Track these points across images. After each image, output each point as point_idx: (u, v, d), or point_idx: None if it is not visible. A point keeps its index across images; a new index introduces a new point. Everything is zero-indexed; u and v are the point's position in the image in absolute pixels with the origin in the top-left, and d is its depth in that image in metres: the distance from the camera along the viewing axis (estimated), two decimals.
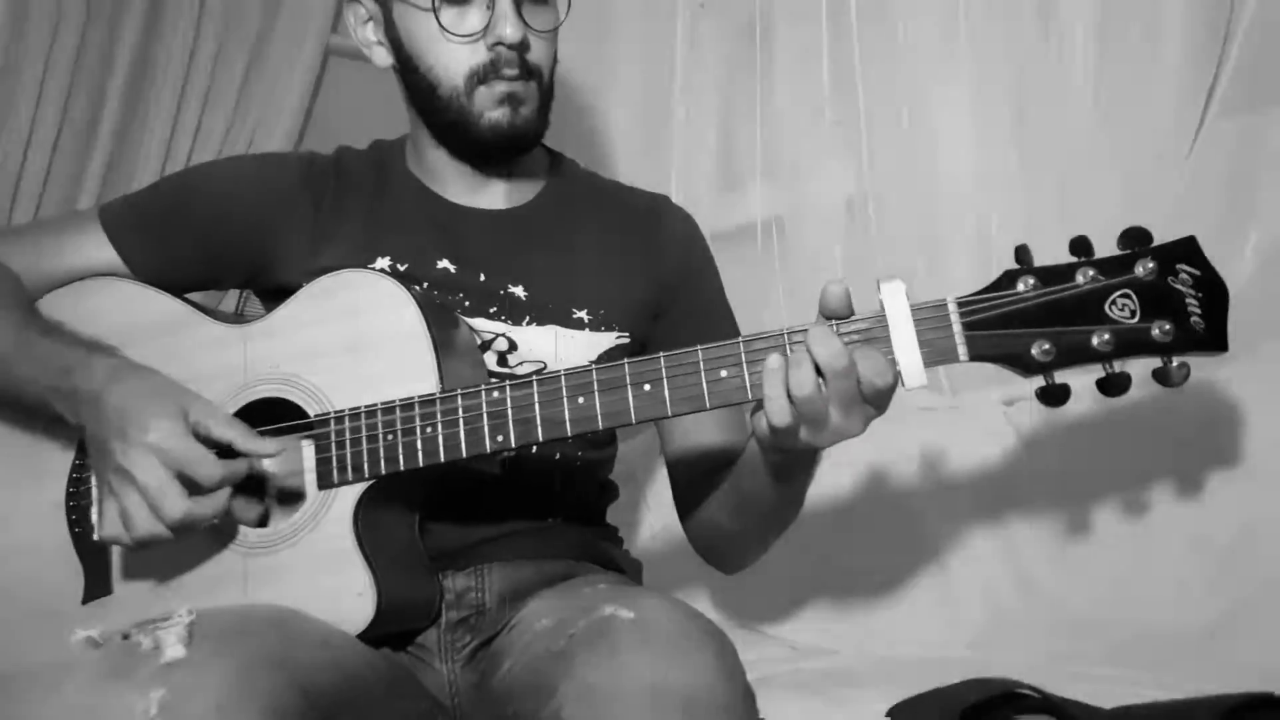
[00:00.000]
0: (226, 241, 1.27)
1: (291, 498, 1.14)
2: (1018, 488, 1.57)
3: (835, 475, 1.65)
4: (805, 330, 0.97)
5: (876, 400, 0.97)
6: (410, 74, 1.25)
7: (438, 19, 1.19)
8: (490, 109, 1.21)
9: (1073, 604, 1.48)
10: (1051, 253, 0.96)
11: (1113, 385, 0.94)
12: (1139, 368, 0.94)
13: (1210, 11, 1.51)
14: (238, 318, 1.24)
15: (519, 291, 1.26)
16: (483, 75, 1.20)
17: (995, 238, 1.67)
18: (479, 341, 1.23)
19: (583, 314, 1.27)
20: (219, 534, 1.12)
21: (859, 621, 1.62)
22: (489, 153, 1.26)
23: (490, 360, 1.24)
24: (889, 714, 1.05)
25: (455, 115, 1.23)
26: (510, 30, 1.18)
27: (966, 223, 1.70)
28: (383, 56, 1.28)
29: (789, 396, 0.95)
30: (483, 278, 1.26)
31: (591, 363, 1.08)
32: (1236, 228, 1.50)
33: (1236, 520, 1.39)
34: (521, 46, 1.20)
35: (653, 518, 1.83)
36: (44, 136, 2.10)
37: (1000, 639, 1.52)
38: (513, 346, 1.25)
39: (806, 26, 1.83)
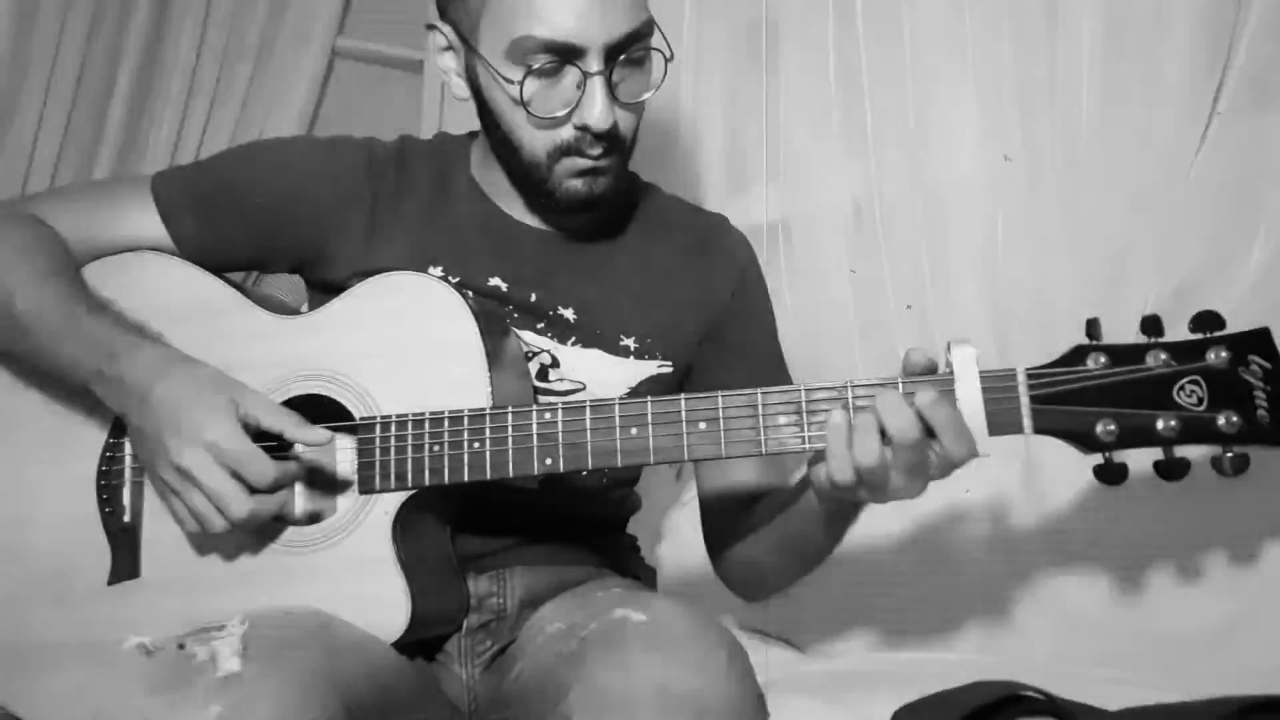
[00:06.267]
0: (282, 228, 1.23)
1: (331, 499, 1.13)
2: (1023, 488, 1.57)
3: None
4: (869, 385, 0.97)
5: (945, 472, 0.97)
6: (489, 125, 1.19)
7: (522, 97, 1.10)
8: (569, 178, 1.15)
9: (1078, 606, 1.49)
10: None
11: (1171, 470, 0.94)
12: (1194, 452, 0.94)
13: (1216, 14, 1.51)
14: (285, 308, 1.23)
15: (569, 314, 1.23)
16: (566, 150, 1.14)
17: (1001, 240, 1.66)
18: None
19: (629, 341, 1.24)
20: (256, 529, 1.10)
21: (865, 624, 1.63)
22: (560, 212, 1.22)
23: (530, 370, 1.22)
24: (895, 716, 1.05)
25: (533, 178, 1.17)
26: (598, 118, 1.10)
27: (973, 226, 1.70)
28: (460, 89, 1.20)
29: (852, 459, 0.95)
30: (534, 298, 1.23)
31: (630, 389, 1.09)
32: (1242, 231, 1.50)
33: (1243, 521, 1.39)
34: (610, 131, 1.12)
35: (664, 523, 1.83)
36: (51, 133, 2.11)
37: (1006, 641, 1.52)
38: (555, 363, 1.23)
39: (813, 29, 1.82)
